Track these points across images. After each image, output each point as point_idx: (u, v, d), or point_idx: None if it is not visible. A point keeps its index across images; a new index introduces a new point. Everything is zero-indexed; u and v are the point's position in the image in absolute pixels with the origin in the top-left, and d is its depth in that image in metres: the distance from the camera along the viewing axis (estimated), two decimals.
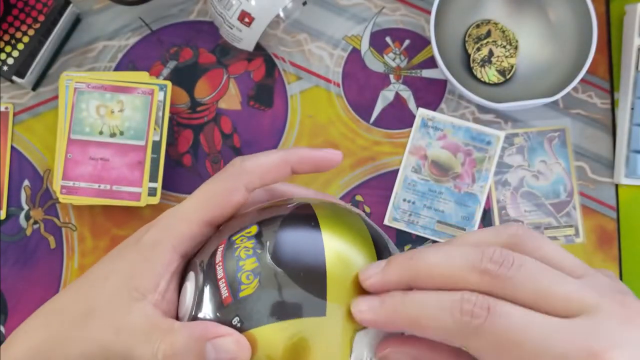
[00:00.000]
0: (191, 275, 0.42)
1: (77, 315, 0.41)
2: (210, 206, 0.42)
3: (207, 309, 0.40)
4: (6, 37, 0.73)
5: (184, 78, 0.77)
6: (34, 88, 0.76)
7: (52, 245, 0.75)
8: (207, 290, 0.40)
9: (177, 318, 0.42)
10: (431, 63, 0.79)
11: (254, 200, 0.46)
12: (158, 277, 0.41)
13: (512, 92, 0.76)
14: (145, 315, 0.40)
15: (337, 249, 0.40)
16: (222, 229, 0.43)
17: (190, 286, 0.41)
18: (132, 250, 0.42)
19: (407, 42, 0.79)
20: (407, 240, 0.76)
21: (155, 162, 0.72)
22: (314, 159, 0.44)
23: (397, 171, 0.77)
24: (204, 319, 0.40)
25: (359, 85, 0.78)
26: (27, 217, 0.75)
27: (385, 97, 0.78)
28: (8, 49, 0.73)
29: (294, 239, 0.40)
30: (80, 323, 0.41)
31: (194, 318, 0.40)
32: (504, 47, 0.77)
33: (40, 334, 0.42)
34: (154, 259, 0.41)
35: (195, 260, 0.43)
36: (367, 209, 0.76)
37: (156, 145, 0.73)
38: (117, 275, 0.41)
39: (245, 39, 0.72)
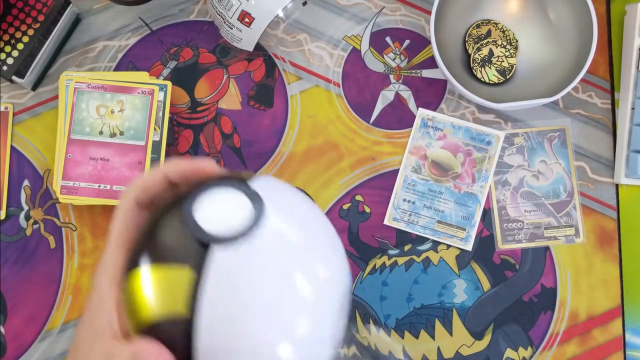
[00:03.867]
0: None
1: None
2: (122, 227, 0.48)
3: None
4: (6, 37, 0.73)
5: (184, 78, 0.77)
6: (34, 88, 0.76)
7: (52, 245, 0.75)
8: None
9: None
10: (431, 63, 0.79)
11: None
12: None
13: (512, 92, 0.76)
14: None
15: None
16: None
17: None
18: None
19: (407, 42, 0.79)
20: (407, 240, 0.76)
21: (155, 162, 0.72)
22: (188, 170, 0.47)
23: (397, 171, 0.77)
24: None
25: (359, 85, 0.78)
26: (27, 217, 0.75)
27: (385, 97, 0.78)
28: (8, 49, 0.73)
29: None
30: None
31: None
32: (504, 47, 0.77)
33: None
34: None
35: None
36: (367, 209, 0.76)
37: (156, 145, 0.73)
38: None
39: (245, 39, 0.72)
